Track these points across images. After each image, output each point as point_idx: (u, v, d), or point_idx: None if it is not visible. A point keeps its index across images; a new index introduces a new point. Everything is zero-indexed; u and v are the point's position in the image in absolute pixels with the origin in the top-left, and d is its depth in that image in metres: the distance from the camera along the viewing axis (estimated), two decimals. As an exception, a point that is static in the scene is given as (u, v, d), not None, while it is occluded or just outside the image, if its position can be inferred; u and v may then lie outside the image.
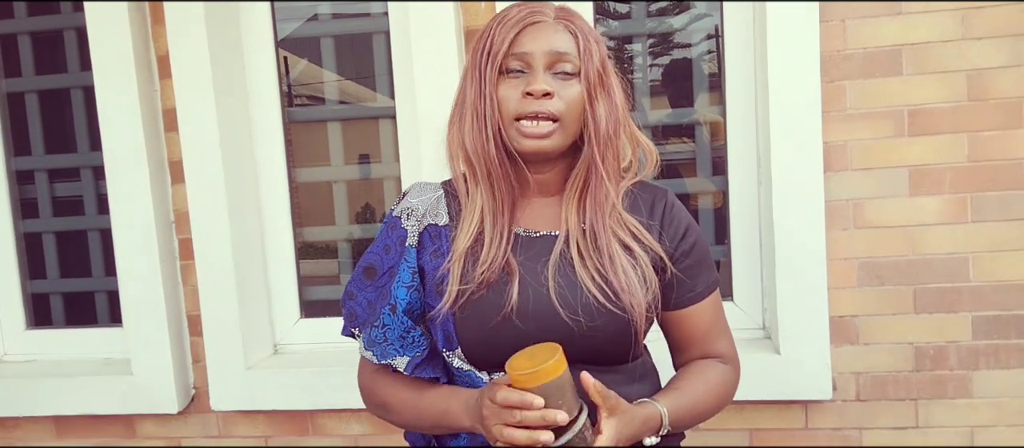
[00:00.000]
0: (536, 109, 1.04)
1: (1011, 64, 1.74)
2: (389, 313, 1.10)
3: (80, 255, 2.27)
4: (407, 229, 1.14)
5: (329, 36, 2.14)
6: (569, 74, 1.06)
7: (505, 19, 1.07)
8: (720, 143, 2.00)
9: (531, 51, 1.05)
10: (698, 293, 1.16)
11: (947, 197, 1.79)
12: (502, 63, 1.06)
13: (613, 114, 1.09)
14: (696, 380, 1.14)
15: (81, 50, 2.15)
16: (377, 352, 1.12)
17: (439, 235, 1.13)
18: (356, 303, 1.16)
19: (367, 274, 1.16)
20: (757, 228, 1.96)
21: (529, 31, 1.06)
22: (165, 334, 2.05)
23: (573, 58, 1.06)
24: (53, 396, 2.12)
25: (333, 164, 2.19)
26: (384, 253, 1.15)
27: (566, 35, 1.07)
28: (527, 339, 1.03)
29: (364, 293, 1.15)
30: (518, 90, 1.05)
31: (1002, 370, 1.81)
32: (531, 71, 1.05)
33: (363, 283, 1.16)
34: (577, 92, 1.06)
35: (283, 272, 2.18)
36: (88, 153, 2.21)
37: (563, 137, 1.07)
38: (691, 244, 1.16)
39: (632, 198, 1.15)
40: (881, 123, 1.79)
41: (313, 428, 2.10)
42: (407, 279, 1.11)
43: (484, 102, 1.06)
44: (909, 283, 1.82)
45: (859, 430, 1.88)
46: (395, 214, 1.17)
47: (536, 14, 1.07)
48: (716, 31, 2.00)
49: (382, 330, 1.10)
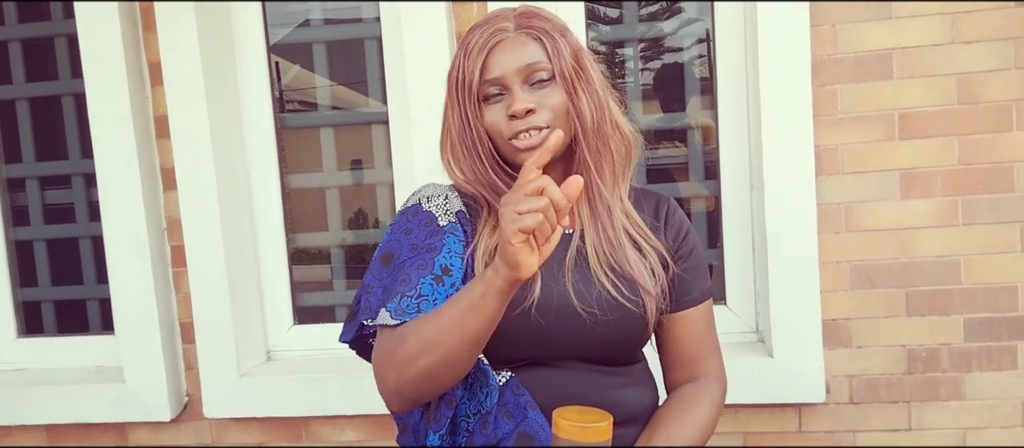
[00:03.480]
0: (524, 127, 1.05)
1: (1000, 68, 1.74)
2: (432, 283, 1.02)
3: (72, 263, 2.26)
4: (432, 211, 1.11)
5: (321, 41, 2.14)
6: (545, 81, 1.06)
7: (469, 48, 1.07)
8: (712, 147, 2.00)
9: (501, 74, 1.05)
10: (693, 298, 1.17)
11: (938, 200, 1.79)
12: (479, 91, 1.06)
13: (598, 102, 1.09)
14: (685, 424, 1.12)
15: (72, 57, 2.15)
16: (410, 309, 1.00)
17: (469, 223, 1.12)
18: (372, 294, 1.07)
19: (384, 262, 1.09)
20: (749, 232, 1.96)
21: (495, 53, 1.05)
22: (157, 341, 2.04)
23: (544, 64, 1.06)
24: (45, 404, 2.11)
25: (326, 170, 2.18)
26: (404, 236, 1.09)
27: (532, 43, 1.06)
28: (542, 333, 1.04)
29: (380, 281, 1.07)
30: (502, 113, 1.06)
31: (994, 372, 1.82)
32: (508, 92, 1.06)
33: (380, 272, 1.08)
34: (558, 96, 1.06)
35: (276, 278, 2.17)
36: (79, 160, 2.20)
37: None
38: (690, 248, 1.18)
39: (638, 201, 1.18)
40: (872, 127, 1.80)
41: (307, 435, 2.09)
42: (459, 250, 1.07)
43: (471, 133, 1.08)
44: (901, 286, 1.82)
45: (852, 432, 1.88)
46: (412, 203, 1.14)
47: (497, 33, 1.06)
48: (707, 35, 2.00)
49: (416, 300, 1.01)
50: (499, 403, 1.06)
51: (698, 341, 1.18)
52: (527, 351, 1.07)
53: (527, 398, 1.06)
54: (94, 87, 1.99)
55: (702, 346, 1.19)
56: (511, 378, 1.07)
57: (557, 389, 1.07)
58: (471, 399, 1.07)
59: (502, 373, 1.08)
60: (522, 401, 1.05)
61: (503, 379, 1.07)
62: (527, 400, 1.05)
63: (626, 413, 1.08)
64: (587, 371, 1.09)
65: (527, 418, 1.05)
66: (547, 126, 1.05)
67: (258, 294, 2.15)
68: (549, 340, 1.06)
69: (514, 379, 1.07)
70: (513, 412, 1.05)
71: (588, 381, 1.09)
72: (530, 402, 1.05)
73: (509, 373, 1.07)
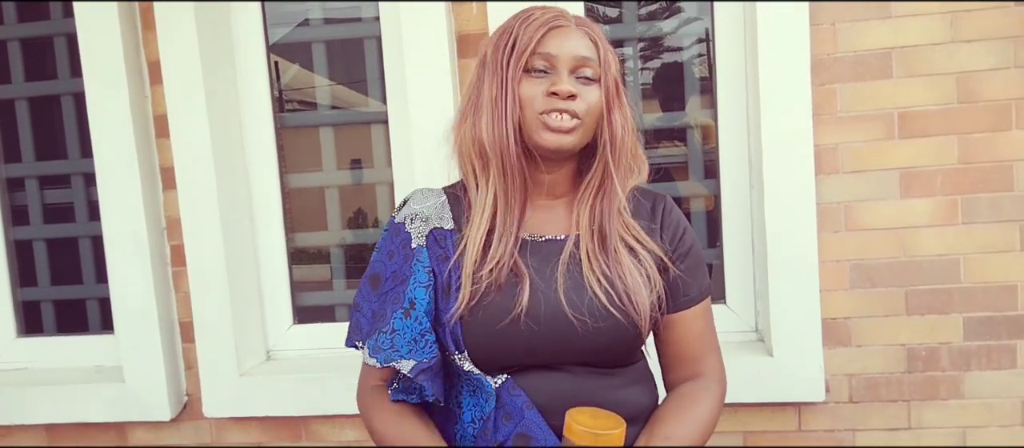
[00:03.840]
0: (561, 108, 1.06)
1: (1000, 66, 1.75)
2: (402, 317, 1.07)
3: (71, 262, 2.26)
4: (411, 232, 1.14)
5: (320, 41, 2.14)
6: (589, 79, 1.09)
7: (530, 19, 1.09)
8: (711, 146, 2.00)
9: (557, 53, 1.07)
10: (692, 298, 1.17)
11: (938, 199, 1.79)
12: (527, 61, 1.07)
13: (627, 123, 1.13)
14: (685, 424, 1.11)
15: (71, 56, 2.14)
16: (381, 358, 1.08)
17: (445, 239, 1.12)
18: (362, 315, 1.14)
19: (372, 283, 1.14)
20: (749, 231, 1.96)
21: (554, 34, 1.08)
22: (157, 341, 2.04)
23: (594, 64, 1.09)
24: (45, 404, 2.11)
25: (325, 169, 2.18)
26: (388, 259, 1.14)
27: (588, 42, 1.10)
28: (534, 340, 1.05)
29: (369, 304, 1.14)
30: (541, 89, 1.07)
31: (994, 371, 1.82)
32: (555, 72, 1.08)
33: (369, 294, 1.14)
34: (597, 97, 1.09)
35: (275, 278, 2.17)
36: (79, 160, 2.20)
37: (582, 136, 1.09)
38: (688, 248, 1.18)
39: (635, 202, 1.18)
40: (872, 126, 1.80)
41: (306, 434, 2.09)
42: (424, 279, 1.09)
43: (506, 97, 1.08)
44: (901, 285, 1.82)
45: (852, 431, 1.88)
46: (397, 220, 1.16)
47: (560, 18, 1.09)
48: (707, 35, 2.00)
49: (390, 336, 1.07)
50: (497, 405, 1.07)
51: (697, 340, 1.18)
52: (519, 357, 1.07)
53: (523, 399, 1.06)
54: (93, 86, 1.99)
55: (701, 345, 1.18)
56: (507, 380, 1.07)
57: (554, 390, 1.07)
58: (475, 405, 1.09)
59: (498, 377, 1.08)
60: (518, 402, 1.06)
61: (499, 381, 1.07)
62: (523, 400, 1.06)
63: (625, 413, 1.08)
64: (585, 372, 1.09)
65: (524, 419, 1.05)
66: (579, 118, 1.07)
67: (258, 293, 2.15)
68: (540, 347, 1.06)
69: (510, 381, 1.07)
70: (511, 413, 1.06)
71: (586, 382, 1.09)
72: (526, 402, 1.06)
73: (505, 375, 1.08)
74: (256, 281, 2.15)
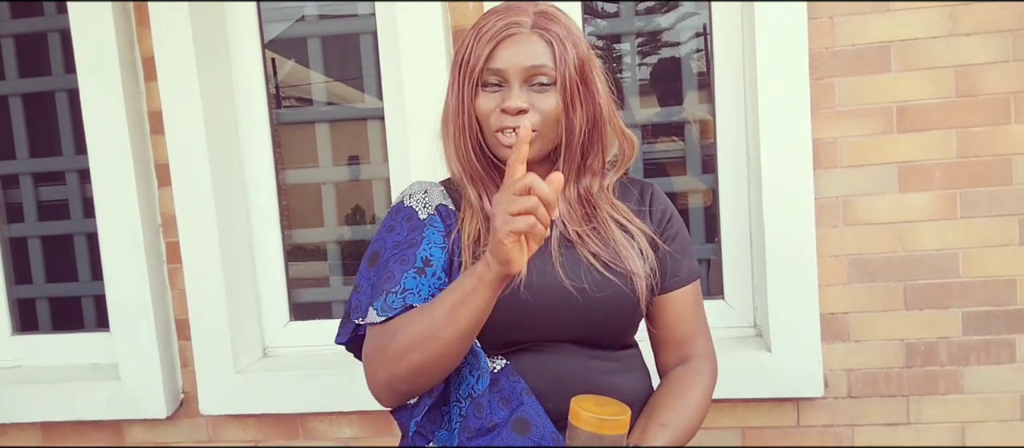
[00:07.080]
0: (512, 124, 1.06)
1: (999, 60, 1.74)
2: (414, 275, 1.04)
3: (66, 259, 2.25)
4: (413, 207, 1.14)
5: (316, 37, 2.13)
6: (545, 85, 1.07)
7: (482, 32, 1.07)
8: (709, 141, 2.00)
9: (505, 68, 1.06)
10: (681, 279, 1.18)
11: (936, 193, 1.79)
12: (479, 77, 1.07)
13: (591, 113, 1.10)
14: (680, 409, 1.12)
15: (65, 52, 2.13)
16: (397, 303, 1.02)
17: (450, 216, 1.13)
18: (361, 293, 1.10)
19: (371, 261, 1.12)
20: (747, 226, 1.96)
21: (505, 45, 1.06)
22: (153, 338, 2.03)
23: (549, 70, 1.06)
24: (40, 402, 2.10)
25: (321, 166, 2.17)
26: (388, 234, 1.12)
27: (542, 45, 1.06)
28: (534, 313, 1.05)
29: (368, 279, 1.10)
30: (496, 103, 1.07)
31: (992, 366, 1.82)
32: (507, 86, 1.07)
33: (368, 271, 1.11)
34: (553, 103, 1.07)
35: (272, 275, 2.16)
36: (73, 156, 2.19)
37: (542, 144, 1.09)
38: (675, 231, 1.19)
39: (623, 189, 1.19)
40: (870, 120, 1.79)
41: (303, 431, 2.08)
42: (438, 240, 1.09)
43: (463, 115, 1.09)
44: (899, 279, 1.82)
45: (851, 427, 1.88)
46: (395, 202, 1.18)
47: (512, 26, 1.06)
48: (704, 29, 1.99)
49: (401, 295, 1.03)
50: (494, 389, 1.06)
51: (687, 322, 1.19)
52: (519, 332, 1.07)
53: (522, 385, 1.06)
54: (88, 83, 1.97)
55: (691, 327, 1.20)
56: (506, 365, 1.07)
57: (551, 375, 1.08)
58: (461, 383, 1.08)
59: (496, 360, 1.08)
60: (517, 388, 1.06)
61: (498, 366, 1.08)
62: (522, 387, 1.06)
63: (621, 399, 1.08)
64: (581, 357, 1.10)
65: (523, 405, 1.05)
66: (535, 129, 1.06)
67: (254, 290, 2.14)
68: (540, 320, 1.07)
69: (509, 366, 1.07)
70: (508, 398, 1.06)
71: (582, 367, 1.09)
72: (525, 389, 1.06)
73: (504, 360, 1.08)
74: (252, 278, 2.14)
